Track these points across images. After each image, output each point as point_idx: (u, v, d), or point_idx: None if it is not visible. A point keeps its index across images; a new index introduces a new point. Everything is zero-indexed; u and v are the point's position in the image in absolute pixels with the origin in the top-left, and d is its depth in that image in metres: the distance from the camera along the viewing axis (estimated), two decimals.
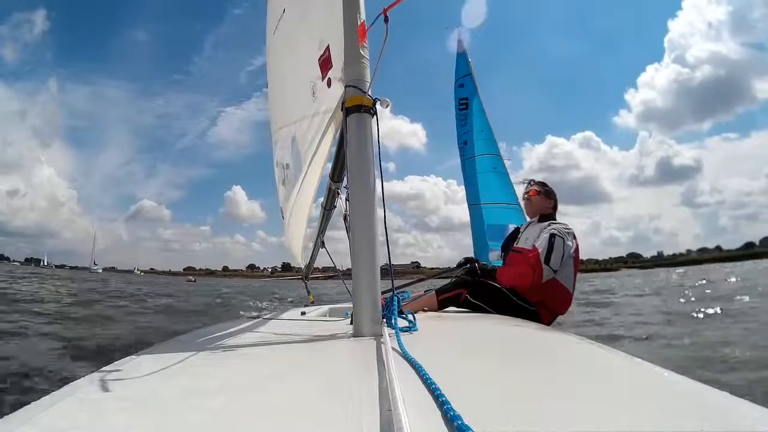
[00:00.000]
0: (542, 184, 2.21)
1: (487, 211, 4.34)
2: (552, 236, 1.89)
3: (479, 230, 4.34)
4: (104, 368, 0.75)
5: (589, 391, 0.60)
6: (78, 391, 0.61)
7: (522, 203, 2.26)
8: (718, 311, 6.79)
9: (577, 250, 1.97)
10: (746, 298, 8.59)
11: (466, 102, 4.74)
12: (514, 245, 2.17)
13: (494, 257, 4.08)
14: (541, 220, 2.12)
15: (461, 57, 4.82)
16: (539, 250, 1.88)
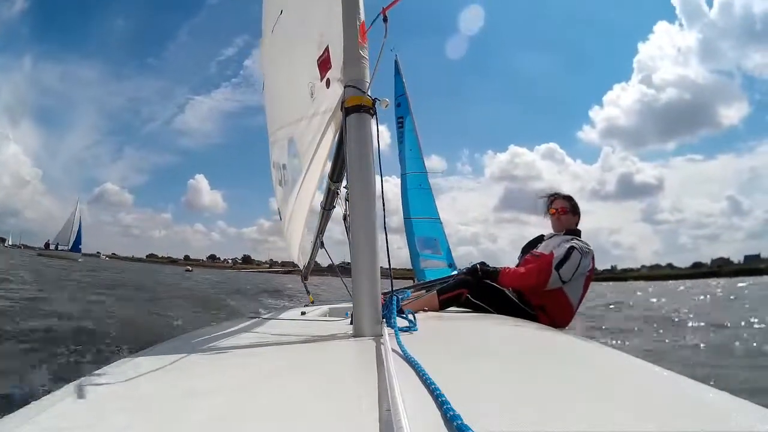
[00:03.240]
0: (569, 199, 2.15)
1: (416, 225, 4.88)
2: (572, 248, 1.87)
3: (411, 242, 4.88)
4: (104, 368, 0.75)
5: (589, 391, 0.60)
6: (78, 391, 0.61)
7: (549, 219, 2.19)
8: None
9: (591, 270, 1.95)
10: None
11: (402, 120, 5.12)
12: (534, 250, 2.15)
13: (426, 266, 4.69)
14: (566, 234, 2.08)
15: (398, 77, 5.20)
16: (554, 255, 1.87)
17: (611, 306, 11.37)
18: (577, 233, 2.08)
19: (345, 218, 1.61)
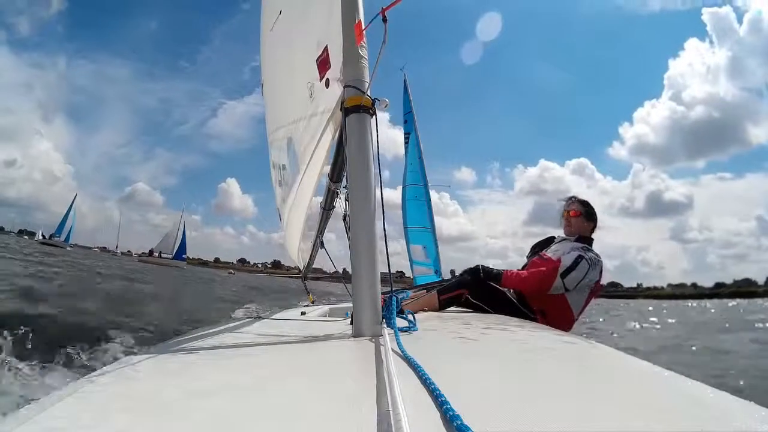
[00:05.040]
0: (585, 204, 2.11)
1: (411, 234, 5.40)
2: (580, 257, 1.84)
3: (408, 249, 5.43)
4: (104, 368, 0.75)
5: (589, 391, 0.60)
6: (78, 391, 0.61)
7: (561, 221, 2.16)
8: None
9: (598, 282, 1.92)
10: None
11: (408, 136, 5.53)
12: (543, 252, 2.11)
13: (417, 273, 5.21)
14: (577, 241, 2.04)
15: (405, 96, 5.57)
16: (562, 263, 1.85)
17: None
18: (589, 242, 2.05)
19: (345, 218, 1.61)
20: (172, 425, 0.49)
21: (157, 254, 45.97)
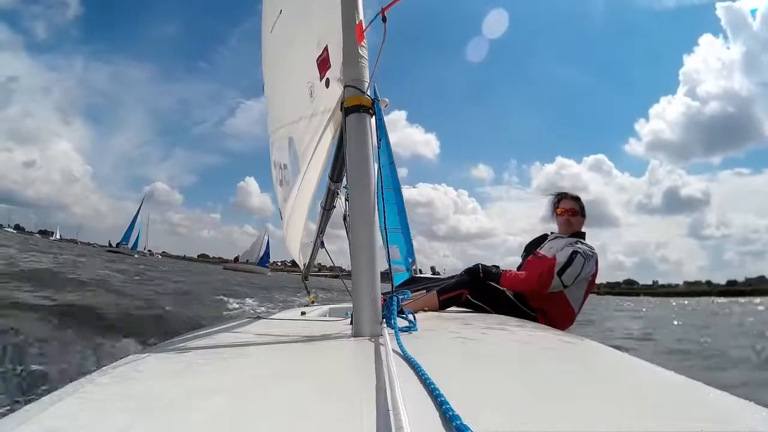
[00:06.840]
0: (578, 200, 2.11)
1: (388, 235, 5.62)
2: (575, 253, 1.85)
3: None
4: (104, 368, 0.75)
5: (589, 391, 0.60)
6: (78, 391, 0.61)
7: (556, 219, 2.15)
8: None
9: (595, 275, 1.93)
10: None
11: (379, 141, 5.67)
12: (537, 250, 2.12)
13: (394, 270, 5.29)
14: (571, 236, 2.04)
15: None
16: (557, 261, 1.86)
17: None
18: (582, 236, 2.05)
19: (345, 218, 1.61)
20: (172, 425, 0.49)
21: (244, 261, 48.29)
